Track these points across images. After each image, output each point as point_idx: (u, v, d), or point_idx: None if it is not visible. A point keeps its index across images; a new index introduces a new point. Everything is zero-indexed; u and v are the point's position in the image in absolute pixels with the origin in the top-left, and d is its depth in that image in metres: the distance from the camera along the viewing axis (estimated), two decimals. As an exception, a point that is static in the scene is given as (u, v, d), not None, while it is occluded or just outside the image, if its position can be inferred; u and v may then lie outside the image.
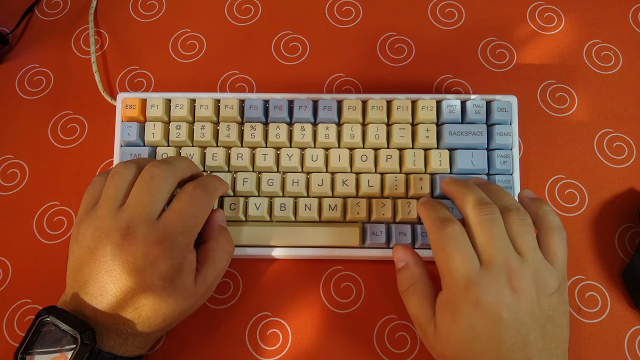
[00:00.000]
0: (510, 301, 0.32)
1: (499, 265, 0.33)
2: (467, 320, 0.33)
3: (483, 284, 0.32)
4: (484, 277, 0.33)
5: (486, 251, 0.33)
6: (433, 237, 0.35)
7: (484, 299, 0.32)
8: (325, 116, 0.45)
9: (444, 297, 0.35)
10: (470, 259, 0.33)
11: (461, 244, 0.34)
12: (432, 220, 0.36)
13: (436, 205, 0.37)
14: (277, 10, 0.53)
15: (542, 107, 0.49)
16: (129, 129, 0.45)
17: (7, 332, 0.44)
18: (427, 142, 0.44)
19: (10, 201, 0.47)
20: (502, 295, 0.32)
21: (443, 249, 0.34)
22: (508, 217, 0.35)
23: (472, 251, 0.34)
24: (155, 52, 0.52)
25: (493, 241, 0.34)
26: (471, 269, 0.33)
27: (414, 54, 0.51)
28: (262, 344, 0.43)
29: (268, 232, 0.43)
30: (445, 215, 0.36)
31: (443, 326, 0.34)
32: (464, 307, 0.33)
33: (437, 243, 0.35)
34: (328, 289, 0.44)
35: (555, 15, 0.52)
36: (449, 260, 0.34)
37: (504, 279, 0.32)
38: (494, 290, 0.32)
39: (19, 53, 0.53)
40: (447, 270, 0.34)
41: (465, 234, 0.34)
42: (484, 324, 0.32)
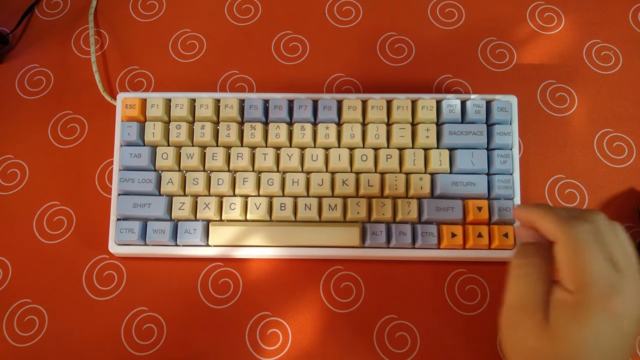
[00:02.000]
0: (637, 313, 0.30)
1: (629, 272, 0.31)
2: (597, 328, 0.30)
3: (625, 291, 0.30)
4: (624, 283, 0.30)
5: (612, 257, 0.31)
6: (564, 236, 0.31)
7: (627, 306, 0.30)
8: (325, 116, 0.45)
9: (573, 298, 0.31)
10: (609, 263, 0.30)
11: (599, 245, 0.31)
12: (560, 219, 0.32)
13: (552, 207, 0.34)
14: (277, 10, 0.53)
15: (542, 107, 0.49)
16: (129, 129, 0.45)
17: (7, 332, 0.44)
18: (427, 142, 0.44)
19: (10, 201, 0.47)
20: (636, 306, 0.30)
21: (578, 249, 0.31)
22: (609, 229, 0.32)
23: (608, 253, 0.31)
24: (155, 52, 0.52)
25: (615, 247, 0.31)
26: (612, 273, 0.30)
27: (414, 54, 0.51)
28: (262, 344, 0.43)
29: (268, 232, 0.43)
30: (572, 214, 0.33)
31: (563, 326, 0.31)
32: (602, 315, 0.30)
33: (569, 243, 0.31)
34: (328, 289, 0.44)
35: (555, 15, 0.52)
36: (588, 260, 0.30)
37: (634, 284, 0.30)
38: (635, 299, 0.30)
39: (19, 53, 0.53)
40: (583, 273, 0.30)
41: (599, 235, 0.31)
42: (613, 333, 0.30)
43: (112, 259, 0.45)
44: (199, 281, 0.45)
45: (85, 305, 0.44)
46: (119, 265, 0.45)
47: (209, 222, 0.44)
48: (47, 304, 0.44)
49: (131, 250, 0.44)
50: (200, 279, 0.45)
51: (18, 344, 0.43)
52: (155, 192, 0.44)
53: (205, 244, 0.44)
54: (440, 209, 0.43)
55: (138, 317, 0.44)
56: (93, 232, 0.46)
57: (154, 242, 0.44)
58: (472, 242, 0.42)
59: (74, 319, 0.44)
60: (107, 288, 0.45)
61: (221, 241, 0.43)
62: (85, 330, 0.44)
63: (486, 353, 0.42)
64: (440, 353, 0.42)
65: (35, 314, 0.44)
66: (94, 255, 0.46)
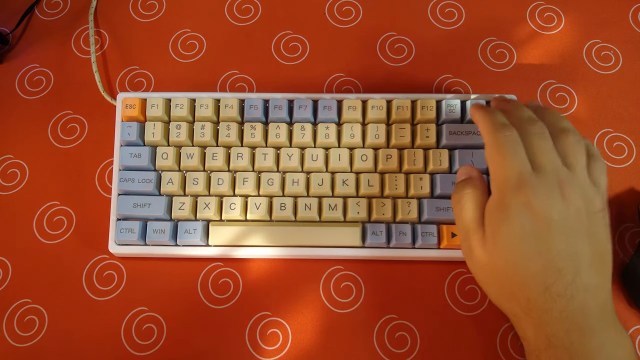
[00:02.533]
0: (561, 206, 0.33)
1: (550, 172, 0.34)
2: (517, 220, 0.33)
3: (535, 185, 0.33)
4: (536, 180, 0.33)
5: (537, 159, 0.34)
6: (490, 139, 0.36)
7: (536, 200, 0.33)
8: (325, 116, 0.45)
9: (494, 198, 0.35)
10: (524, 162, 0.34)
11: (517, 148, 0.35)
12: (491, 124, 0.36)
13: (495, 111, 0.38)
14: (277, 10, 0.53)
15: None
16: (129, 129, 0.45)
17: (7, 332, 0.44)
18: (427, 141, 0.44)
19: (10, 201, 0.47)
20: (553, 199, 0.33)
21: (499, 150, 0.35)
22: (561, 137, 0.36)
23: (525, 155, 0.34)
24: (155, 52, 0.52)
25: (544, 151, 0.34)
26: (525, 170, 0.34)
27: (414, 54, 0.51)
28: (262, 344, 0.43)
29: (268, 232, 0.43)
30: (504, 121, 0.36)
31: (492, 228, 0.34)
32: (515, 206, 0.33)
33: (494, 144, 0.35)
34: (328, 289, 0.44)
35: (555, 15, 0.52)
36: (504, 160, 0.34)
37: (555, 185, 0.33)
38: (546, 193, 0.33)
39: (19, 53, 0.53)
40: (500, 170, 0.35)
41: (520, 141, 0.35)
42: (534, 225, 0.33)
43: (112, 259, 0.45)
44: (199, 281, 0.45)
45: (85, 305, 0.44)
46: (119, 265, 0.45)
47: (209, 222, 0.44)
48: (47, 304, 0.44)
49: (131, 250, 0.44)
50: (200, 279, 0.45)
51: (18, 344, 0.43)
52: (155, 192, 0.44)
53: (205, 244, 0.44)
54: (440, 209, 0.43)
55: (138, 317, 0.44)
56: (93, 232, 0.46)
57: (154, 242, 0.44)
58: (472, 242, 0.42)
59: (74, 319, 0.44)
60: (107, 288, 0.45)
61: (221, 241, 0.43)
62: (85, 330, 0.44)
63: (486, 353, 0.42)
64: (440, 353, 0.42)
65: (35, 314, 0.44)
66: (94, 255, 0.46)
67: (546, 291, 0.32)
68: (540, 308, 0.33)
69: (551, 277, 0.32)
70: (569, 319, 0.32)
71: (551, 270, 0.32)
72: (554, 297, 0.32)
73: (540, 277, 0.32)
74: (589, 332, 0.32)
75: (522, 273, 0.33)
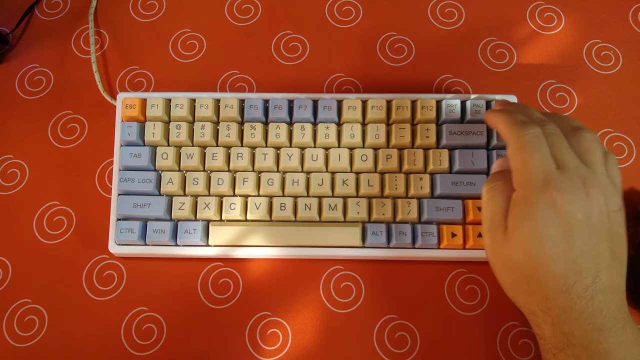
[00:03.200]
0: (585, 205, 0.32)
1: (573, 170, 0.33)
2: (541, 218, 0.32)
3: (561, 184, 0.32)
4: (561, 178, 0.33)
5: (558, 157, 0.34)
6: (512, 137, 0.35)
7: (561, 197, 0.32)
8: (325, 116, 0.45)
9: (519, 195, 0.34)
10: (549, 159, 0.34)
11: (542, 145, 0.34)
12: (512, 122, 0.36)
13: (513, 112, 0.37)
14: (277, 10, 0.53)
15: (542, 107, 0.49)
16: (129, 129, 0.45)
17: (7, 332, 0.44)
18: (427, 141, 0.44)
19: (10, 201, 0.47)
20: (577, 196, 0.32)
21: (524, 147, 0.34)
22: (575, 135, 0.35)
23: (550, 154, 0.34)
24: (155, 52, 0.52)
25: (563, 149, 0.34)
26: (550, 168, 0.33)
27: (414, 54, 0.51)
28: (262, 344, 0.43)
29: (268, 232, 0.43)
30: (525, 119, 0.36)
31: (515, 224, 0.34)
32: (539, 204, 0.32)
33: (518, 142, 0.34)
34: (328, 289, 0.44)
35: (555, 15, 0.52)
36: (529, 158, 0.34)
37: (579, 183, 0.33)
38: (571, 191, 0.32)
39: (19, 53, 0.53)
40: (525, 168, 0.34)
41: (544, 138, 0.34)
42: (558, 223, 0.32)
43: (112, 259, 0.46)
44: (199, 281, 0.45)
45: (85, 305, 0.44)
46: (119, 265, 0.45)
47: (209, 222, 0.44)
48: (47, 304, 0.44)
49: (131, 250, 0.44)
50: (200, 279, 0.45)
51: (18, 344, 0.43)
52: (155, 192, 0.44)
53: (205, 244, 0.44)
54: (440, 209, 0.43)
55: (138, 317, 0.44)
56: (93, 232, 0.46)
57: (154, 242, 0.44)
58: (472, 242, 0.42)
59: (74, 319, 0.44)
60: (107, 288, 0.45)
61: (221, 241, 0.43)
62: (85, 330, 0.44)
63: (486, 353, 0.42)
64: (440, 353, 0.42)
65: (35, 314, 0.44)
66: (94, 255, 0.46)
67: (566, 292, 0.32)
68: (558, 307, 0.32)
69: (572, 278, 0.32)
70: (588, 320, 0.32)
71: (572, 271, 0.32)
72: (573, 298, 0.32)
73: (560, 278, 0.32)
74: (607, 331, 0.32)
75: (542, 271, 0.33)
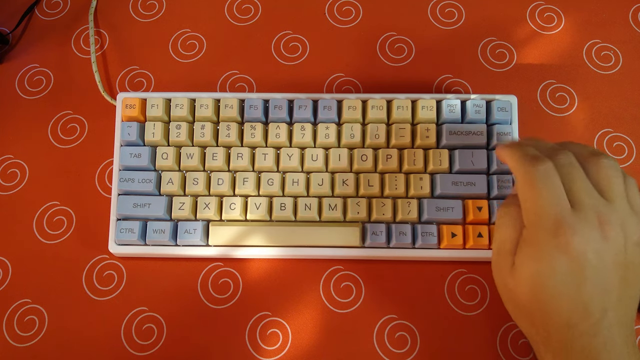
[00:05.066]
0: (600, 247, 0.30)
1: (588, 208, 0.31)
2: (549, 262, 0.31)
3: (574, 226, 0.30)
4: (574, 219, 0.30)
5: (572, 193, 0.31)
6: (521, 173, 0.32)
7: (574, 241, 0.30)
8: (325, 116, 0.45)
9: (528, 235, 0.32)
10: (562, 199, 0.31)
11: (554, 182, 0.31)
12: (521, 157, 0.33)
13: (523, 145, 0.35)
14: (277, 10, 0.53)
15: (542, 107, 0.49)
16: (129, 129, 0.45)
17: (7, 332, 0.44)
18: (427, 141, 0.44)
19: (10, 201, 0.47)
20: (592, 240, 0.30)
21: (533, 184, 0.31)
22: (592, 162, 0.33)
23: (563, 191, 0.31)
24: (155, 52, 0.52)
25: (578, 183, 0.32)
26: (563, 209, 0.31)
27: (414, 54, 0.51)
28: (262, 344, 0.43)
29: (268, 232, 0.43)
30: (535, 153, 0.33)
31: (522, 263, 0.32)
32: (549, 248, 0.31)
33: (526, 179, 0.32)
34: (328, 289, 0.44)
35: (555, 15, 0.52)
36: (539, 197, 0.31)
37: (594, 223, 0.30)
38: (585, 234, 0.30)
39: (19, 53, 0.53)
40: (534, 209, 0.32)
41: (557, 173, 0.32)
42: (568, 267, 0.30)
43: (112, 259, 0.46)
44: (199, 281, 0.45)
45: (85, 305, 0.44)
46: (119, 265, 0.45)
47: (209, 222, 0.44)
48: (47, 304, 0.44)
49: (131, 250, 0.44)
50: (200, 279, 0.45)
51: (18, 344, 0.43)
52: (155, 192, 0.44)
53: (205, 244, 0.44)
54: (440, 209, 0.43)
55: (138, 317, 0.44)
56: (93, 232, 0.46)
57: (154, 242, 0.44)
58: (472, 242, 0.42)
59: (74, 319, 0.44)
60: (107, 288, 0.45)
61: (221, 241, 0.43)
62: (85, 330, 0.44)
63: (486, 353, 0.42)
64: (440, 353, 0.42)
65: (35, 314, 0.44)
66: (94, 255, 0.46)
67: (569, 329, 0.31)
68: (560, 342, 0.31)
69: (576, 317, 0.31)
70: (591, 354, 0.30)
71: (578, 312, 0.31)
72: (575, 335, 0.31)
73: (564, 316, 0.31)
74: None
75: (545, 309, 0.31)
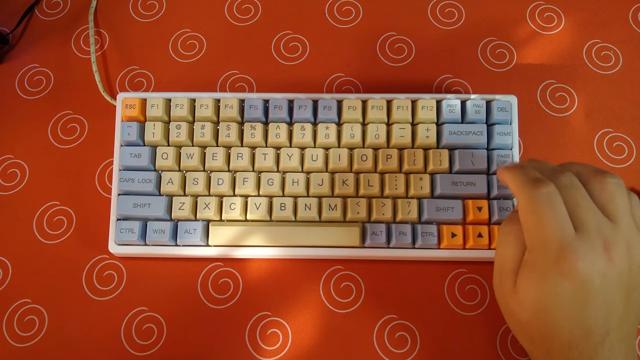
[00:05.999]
0: (605, 270, 0.30)
1: (593, 231, 0.30)
2: (553, 288, 0.30)
3: (578, 251, 0.30)
4: (579, 243, 0.30)
5: (575, 216, 0.31)
6: (523, 198, 0.32)
7: (579, 267, 0.29)
8: (325, 116, 0.45)
9: (530, 260, 0.32)
10: (566, 223, 0.30)
11: (557, 206, 0.31)
12: (523, 181, 0.32)
13: (525, 167, 0.34)
14: (277, 10, 0.53)
15: (542, 107, 0.49)
16: (129, 129, 0.45)
17: (7, 332, 0.44)
18: (427, 141, 0.44)
19: (10, 201, 0.47)
20: (597, 264, 0.30)
21: (535, 209, 0.31)
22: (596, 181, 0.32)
23: (566, 215, 0.31)
24: (155, 52, 0.52)
25: (581, 206, 0.31)
26: (567, 234, 0.30)
27: (414, 54, 0.51)
28: (262, 344, 0.43)
29: (268, 232, 0.43)
30: (537, 176, 0.32)
31: (525, 287, 0.32)
32: (553, 275, 0.30)
33: (528, 204, 0.31)
34: (328, 289, 0.44)
35: (555, 15, 0.52)
36: (542, 223, 0.31)
37: (599, 247, 0.30)
38: (590, 258, 0.30)
39: (19, 53, 0.53)
40: (537, 232, 0.31)
41: (560, 196, 0.31)
42: (571, 293, 0.30)
43: (112, 259, 0.46)
44: (199, 281, 0.45)
45: (85, 305, 0.44)
46: (119, 265, 0.45)
47: (209, 222, 0.44)
48: (47, 304, 0.44)
49: (131, 250, 0.44)
50: (200, 279, 0.45)
51: (18, 344, 0.43)
52: (155, 192, 0.44)
53: (205, 244, 0.44)
54: (440, 209, 0.43)
55: (138, 317, 0.44)
56: (93, 232, 0.46)
57: (154, 242, 0.44)
58: (472, 242, 0.42)
59: (74, 319, 0.44)
60: (107, 288, 0.45)
61: (221, 241, 0.43)
62: (85, 330, 0.44)
63: (486, 353, 0.42)
64: (440, 353, 0.42)
65: (35, 314, 0.44)
66: (94, 255, 0.46)
67: (570, 349, 0.30)
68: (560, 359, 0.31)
69: (578, 339, 0.30)
70: None
71: (580, 333, 0.30)
72: (576, 354, 0.30)
73: (566, 338, 0.31)
74: None
75: (547, 331, 0.31)
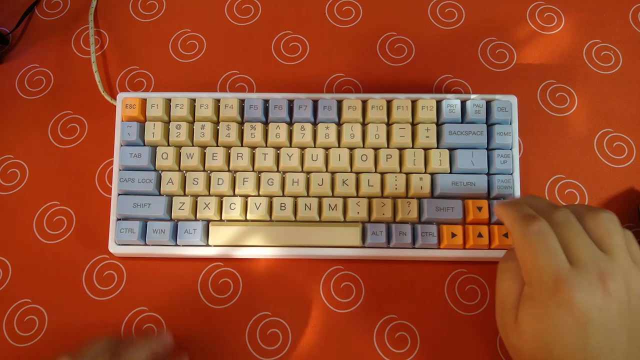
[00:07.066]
0: (602, 303, 0.30)
1: (589, 264, 0.31)
2: (552, 321, 0.31)
3: (574, 284, 0.30)
4: (574, 276, 0.30)
5: (571, 250, 0.31)
6: (517, 235, 0.33)
7: (575, 299, 0.30)
8: (325, 116, 0.45)
9: (528, 294, 0.32)
10: (560, 256, 0.31)
11: (549, 241, 0.31)
12: (515, 218, 0.33)
13: (518, 204, 0.35)
14: (277, 10, 0.53)
15: (542, 107, 0.49)
16: (129, 129, 0.45)
17: (7, 332, 0.44)
18: (427, 141, 0.44)
19: (10, 201, 0.47)
20: (593, 296, 0.30)
21: (529, 246, 0.32)
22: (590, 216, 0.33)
23: (560, 249, 0.31)
24: (155, 52, 0.52)
25: (576, 240, 0.32)
26: (561, 267, 0.31)
27: (414, 54, 0.51)
28: (262, 344, 0.43)
29: (268, 232, 0.43)
30: (530, 212, 0.33)
31: (525, 322, 0.32)
32: (551, 308, 0.31)
33: (522, 240, 0.32)
34: (328, 289, 0.44)
35: (555, 15, 0.52)
36: (536, 257, 0.31)
37: (595, 280, 0.30)
38: (586, 291, 0.30)
39: (19, 53, 0.53)
40: (532, 267, 0.32)
41: (552, 231, 0.32)
42: (571, 326, 0.30)
43: (112, 259, 0.46)
44: (199, 281, 0.45)
45: (85, 305, 0.44)
46: (119, 265, 0.45)
47: (209, 222, 0.44)
48: (47, 304, 0.44)
49: (131, 250, 0.44)
50: (200, 279, 0.45)
51: (18, 344, 0.43)
52: (155, 192, 0.44)
53: (205, 244, 0.44)
54: (440, 209, 0.43)
55: (138, 317, 0.44)
56: (93, 232, 0.46)
57: (154, 242, 0.44)
58: (472, 242, 0.42)
59: (74, 319, 0.44)
60: (107, 288, 0.45)
61: (221, 241, 0.43)
62: (85, 330, 0.44)
63: (486, 353, 0.42)
64: (440, 353, 0.42)
65: (35, 314, 0.44)
66: (94, 255, 0.46)
67: None
68: None
69: None
70: None
71: None
72: None
73: None
74: None
75: None
